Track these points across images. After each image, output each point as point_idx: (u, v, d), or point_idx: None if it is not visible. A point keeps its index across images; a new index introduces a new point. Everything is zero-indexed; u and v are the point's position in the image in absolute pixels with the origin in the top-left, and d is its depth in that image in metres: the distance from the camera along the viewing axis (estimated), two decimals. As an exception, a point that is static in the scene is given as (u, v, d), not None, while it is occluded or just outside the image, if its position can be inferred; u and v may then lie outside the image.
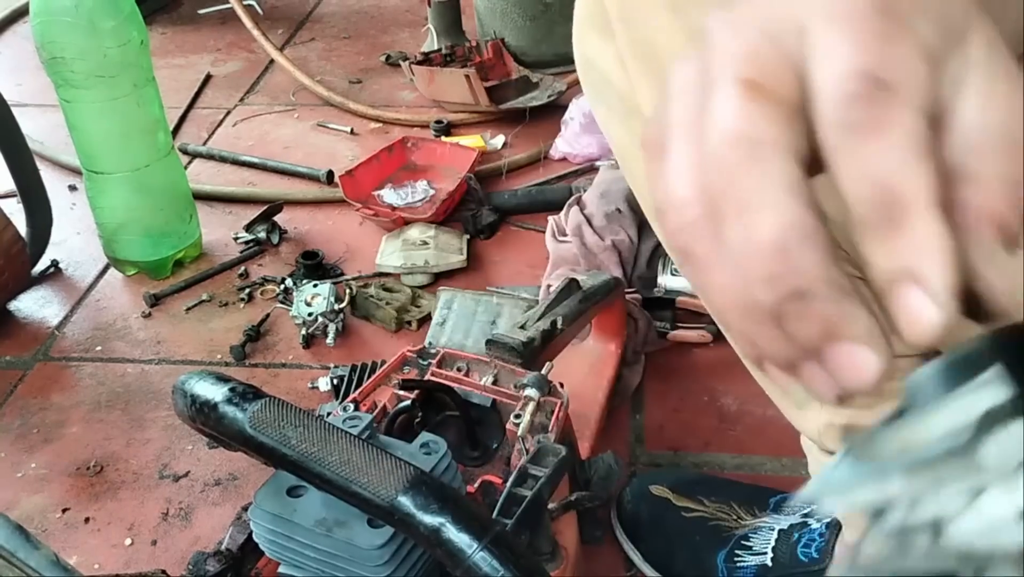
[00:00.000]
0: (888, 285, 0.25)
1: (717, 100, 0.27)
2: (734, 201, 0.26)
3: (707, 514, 0.84)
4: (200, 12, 2.18)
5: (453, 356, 0.77)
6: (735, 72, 0.27)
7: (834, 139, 0.25)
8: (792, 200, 0.25)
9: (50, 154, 1.54)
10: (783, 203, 0.25)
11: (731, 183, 0.26)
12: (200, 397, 0.54)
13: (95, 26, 1.08)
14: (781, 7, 0.27)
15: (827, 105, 0.25)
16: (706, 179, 0.27)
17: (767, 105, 0.26)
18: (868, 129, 0.25)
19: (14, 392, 1.09)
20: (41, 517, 0.92)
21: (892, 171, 0.25)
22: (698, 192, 0.27)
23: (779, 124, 0.26)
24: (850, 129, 0.25)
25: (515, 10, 1.73)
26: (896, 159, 0.25)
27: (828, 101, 0.25)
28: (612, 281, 0.94)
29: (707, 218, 0.27)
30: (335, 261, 1.29)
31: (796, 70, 0.26)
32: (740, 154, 0.26)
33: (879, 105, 0.25)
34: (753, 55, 0.27)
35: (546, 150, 1.50)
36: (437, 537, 0.48)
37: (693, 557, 0.82)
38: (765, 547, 0.79)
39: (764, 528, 0.81)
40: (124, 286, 1.27)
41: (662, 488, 0.87)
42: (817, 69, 0.26)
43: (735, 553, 0.81)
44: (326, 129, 1.66)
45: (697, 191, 0.27)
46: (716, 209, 0.26)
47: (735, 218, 0.26)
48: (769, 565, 0.78)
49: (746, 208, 0.26)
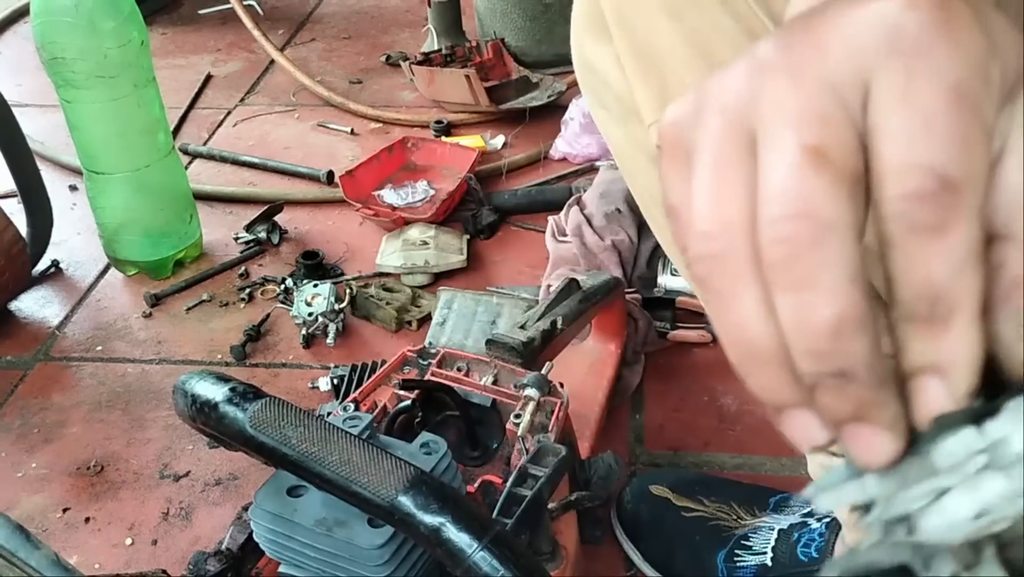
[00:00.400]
0: (916, 369, 0.26)
1: (775, 161, 0.26)
2: (790, 275, 0.26)
3: (707, 514, 0.84)
4: (200, 12, 2.18)
5: (453, 356, 0.78)
6: (798, 136, 0.26)
7: (893, 230, 0.25)
8: (853, 289, 0.25)
9: (51, 154, 1.54)
10: (843, 291, 0.25)
11: (790, 257, 0.25)
12: (201, 397, 0.55)
13: (95, 26, 1.08)
14: (846, 54, 0.26)
15: (891, 195, 0.25)
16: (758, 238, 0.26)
17: (833, 180, 0.25)
18: (929, 231, 0.25)
19: (15, 392, 1.09)
20: (42, 517, 0.92)
21: (946, 276, 0.25)
22: (743, 230, 0.26)
23: (844, 203, 0.25)
24: (911, 227, 0.25)
25: (515, 10, 1.73)
26: (952, 265, 0.25)
27: (892, 191, 0.25)
28: (612, 281, 0.94)
29: (737, 257, 0.26)
30: (335, 261, 1.29)
31: (860, 135, 0.26)
32: (802, 231, 0.25)
33: (943, 207, 0.25)
34: (819, 118, 0.26)
35: (546, 150, 1.50)
36: (437, 537, 0.48)
37: (693, 557, 0.82)
38: (765, 547, 0.79)
39: (764, 528, 0.81)
40: (124, 286, 1.27)
41: (662, 488, 0.87)
42: (884, 146, 0.25)
43: (735, 553, 0.81)
44: (326, 129, 1.66)
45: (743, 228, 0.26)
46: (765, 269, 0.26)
47: (789, 291, 0.26)
48: (769, 565, 0.78)
49: (803, 285, 0.25)
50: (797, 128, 0.26)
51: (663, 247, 0.85)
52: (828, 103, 0.26)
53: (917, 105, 0.25)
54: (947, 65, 0.25)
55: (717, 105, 0.28)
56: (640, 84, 0.60)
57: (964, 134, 0.25)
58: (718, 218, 0.27)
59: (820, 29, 0.27)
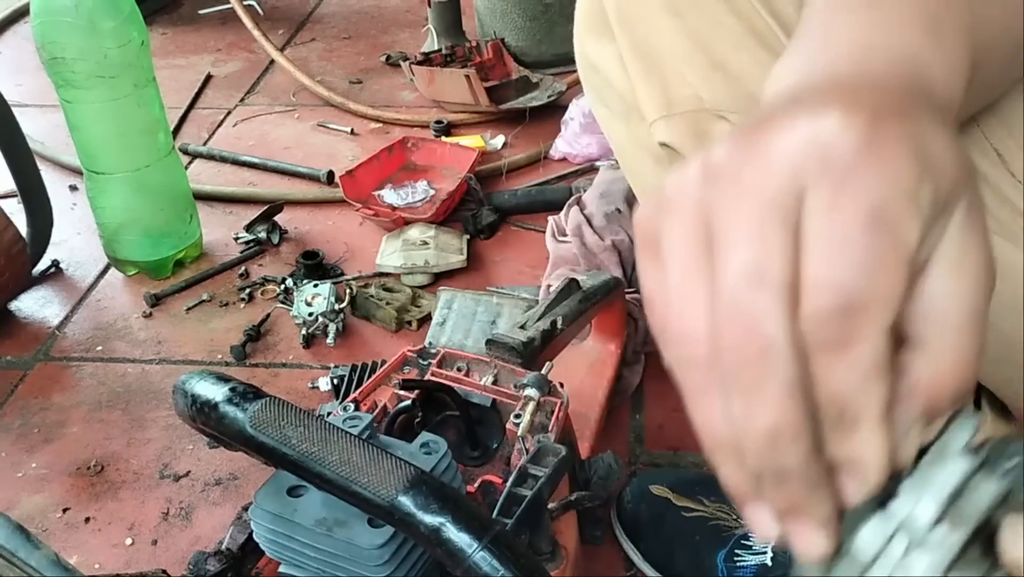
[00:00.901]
0: (837, 465, 0.29)
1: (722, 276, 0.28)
2: (739, 383, 0.28)
3: (707, 514, 0.84)
4: (200, 12, 2.18)
5: (453, 356, 0.78)
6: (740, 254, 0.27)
7: (808, 341, 0.27)
8: (790, 404, 0.27)
9: (51, 154, 1.54)
10: (779, 403, 0.27)
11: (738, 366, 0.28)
12: (201, 397, 0.55)
13: (95, 26, 1.08)
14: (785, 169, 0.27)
15: (806, 310, 0.27)
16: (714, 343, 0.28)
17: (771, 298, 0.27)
18: (835, 346, 0.27)
19: (15, 392, 1.09)
20: (42, 517, 0.92)
21: (850, 387, 0.27)
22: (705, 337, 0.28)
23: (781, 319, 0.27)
24: (820, 342, 0.27)
25: (515, 10, 1.73)
26: (856, 377, 0.27)
27: (807, 307, 0.27)
28: (612, 281, 0.94)
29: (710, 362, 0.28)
30: (335, 261, 1.29)
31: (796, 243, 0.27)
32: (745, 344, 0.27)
33: (849, 326, 0.26)
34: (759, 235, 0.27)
35: (546, 150, 1.50)
36: (437, 537, 0.48)
37: (693, 557, 0.82)
38: (765, 546, 0.80)
39: None
40: (125, 286, 1.27)
41: (662, 488, 0.87)
42: (806, 262, 0.27)
43: (735, 553, 0.81)
44: (326, 129, 1.66)
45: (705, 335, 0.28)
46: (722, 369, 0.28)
47: (739, 395, 0.28)
48: (769, 564, 0.78)
49: (748, 393, 0.28)
50: (738, 245, 0.27)
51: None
52: (768, 219, 0.27)
53: (838, 225, 0.26)
54: (870, 187, 0.26)
55: (675, 209, 0.30)
56: (642, 82, 0.61)
57: (878, 256, 0.26)
58: (685, 326, 0.29)
59: (764, 141, 0.28)
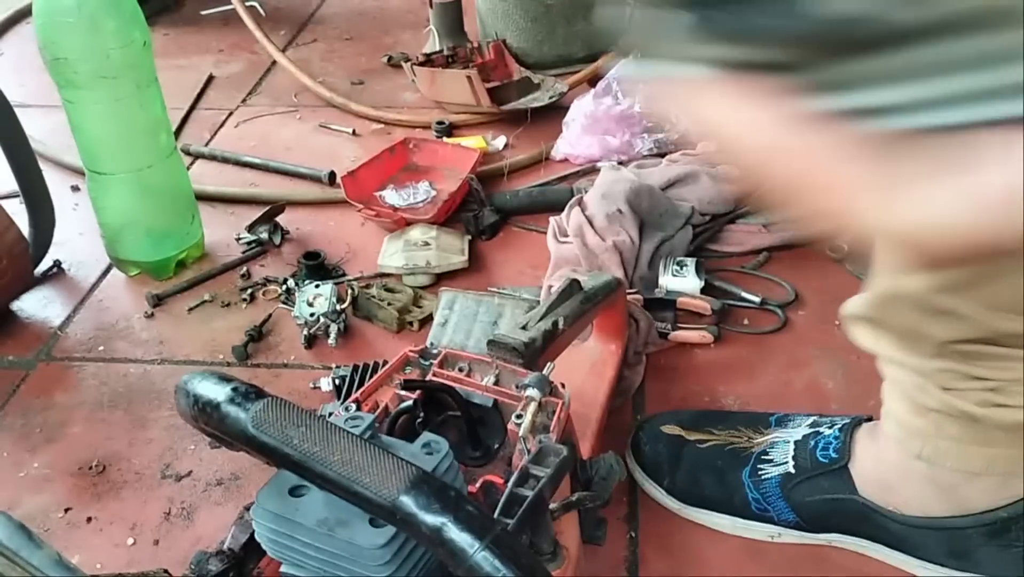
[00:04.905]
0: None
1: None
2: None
3: (721, 441, 0.88)
4: (203, 13, 2.19)
5: (455, 356, 0.78)
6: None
7: None
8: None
9: (53, 155, 1.54)
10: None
11: None
12: (203, 397, 0.55)
13: (98, 27, 1.08)
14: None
15: None
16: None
17: None
18: None
19: (17, 392, 1.09)
20: (44, 516, 0.92)
21: None
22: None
23: None
24: None
25: (517, 11, 1.73)
26: None
27: None
28: (613, 282, 0.94)
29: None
30: (337, 262, 1.29)
31: None
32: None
33: None
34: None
35: (547, 151, 1.51)
36: (439, 537, 0.48)
37: (719, 480, 0.86)
38: (785, 457, 0.84)
39: (780, 442, 0.86)
40: (126, 286, 1.28)
41: (672, 427, 0.91)
42: None
43: (758, 468, 0.85)
44: (328, 130, 1.66)
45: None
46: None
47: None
48: (792, 472, 0.83)
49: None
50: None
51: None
52: None
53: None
54: None
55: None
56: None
57: None
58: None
59: None
